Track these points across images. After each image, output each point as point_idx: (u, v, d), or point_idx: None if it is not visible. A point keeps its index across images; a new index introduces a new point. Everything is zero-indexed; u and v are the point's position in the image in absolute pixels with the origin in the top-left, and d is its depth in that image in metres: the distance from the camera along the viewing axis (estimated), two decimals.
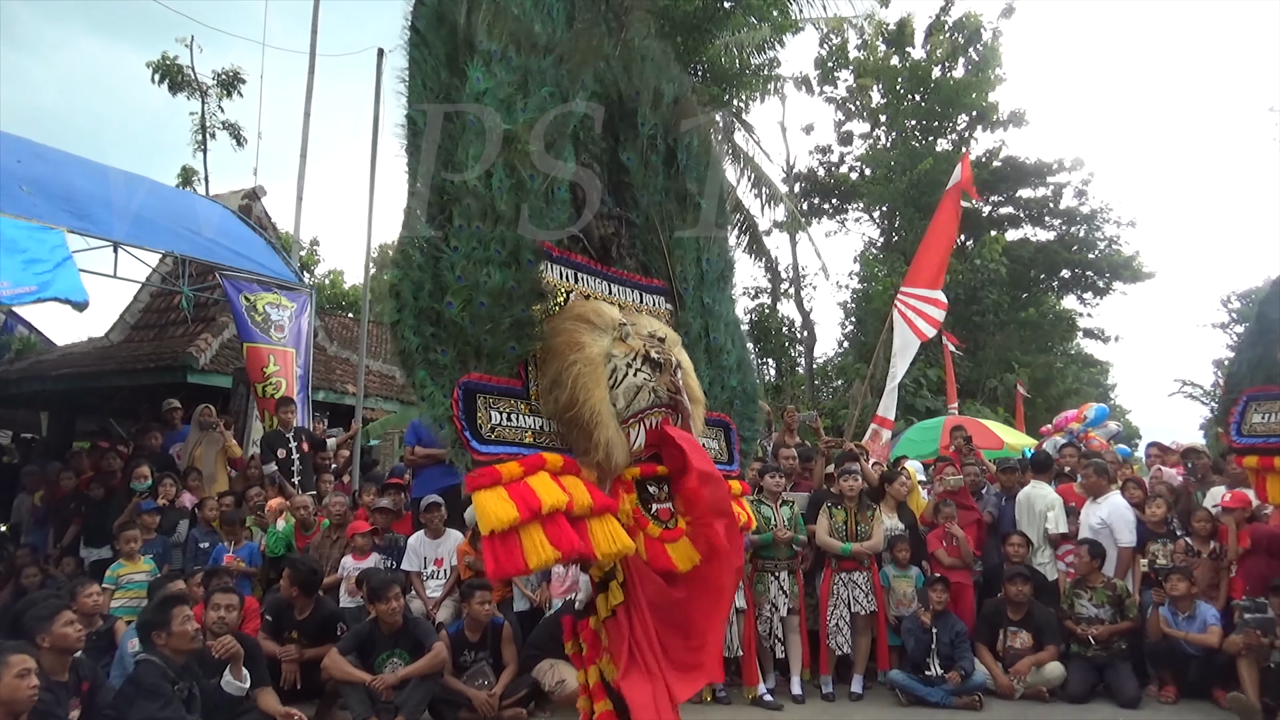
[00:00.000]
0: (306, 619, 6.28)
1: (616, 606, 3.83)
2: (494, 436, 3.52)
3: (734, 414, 4.82)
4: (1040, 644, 6.69)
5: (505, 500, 3.34)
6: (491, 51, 3.71)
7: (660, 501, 4.04)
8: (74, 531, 8.41)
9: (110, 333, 12.77)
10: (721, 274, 4.92)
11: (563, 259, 4.08)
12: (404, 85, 3.63)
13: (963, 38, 24.66)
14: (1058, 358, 26.35)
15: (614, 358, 3.82)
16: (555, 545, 3.37)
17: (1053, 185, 26.25)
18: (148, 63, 19.95)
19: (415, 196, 3.51)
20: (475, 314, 3.50)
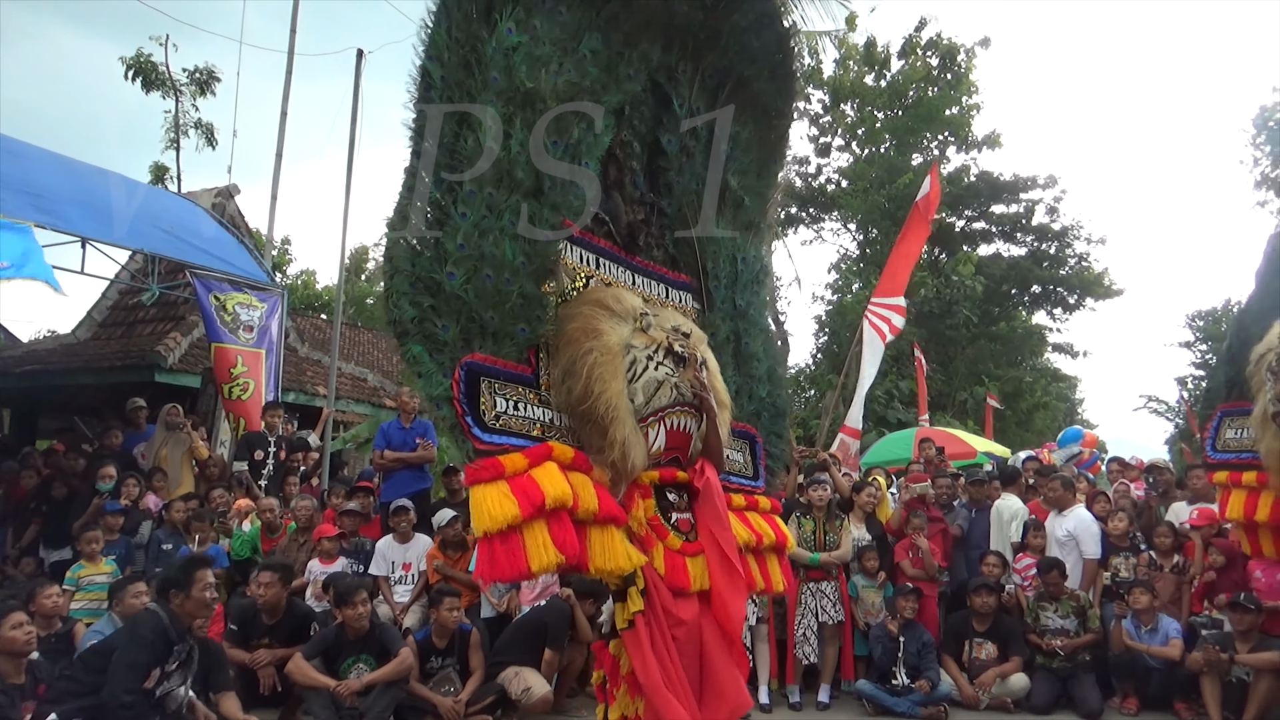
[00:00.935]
0: (278, 623, 6.11)
1: (635, 615, 3.42)
2: (499, 425, 3.19)
3: (761, 428, 4.50)
4: (1005, 655, 6.75)
5: (506, 496, 3.02)
6: (538, 1, 3.40)
7: (681, 510, 3.68)
8: (34, 531, 8.26)
9: (77, 330, 12.58)
10: (757, 276, 4.58)
11: (584, 241, 3.77)
12: (424, 34, 3.25)
13: (936, 59, 24.95)
14: (1027, 372, 26.67)
15: (634, 349, 3.53)
16: (560, 547, 3.06)
17: (1025, 202, 26.59)
18: (121, 58, 19.73)
19: (422, 156, 3.18)
20: (480, 288, 3.19)
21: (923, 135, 25.27)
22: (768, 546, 4.16)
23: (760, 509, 4.28)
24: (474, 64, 3.26)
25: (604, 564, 3.28)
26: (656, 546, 3.51)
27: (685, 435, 3.67)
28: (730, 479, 4.19)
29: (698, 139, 4.27)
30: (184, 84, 20.05)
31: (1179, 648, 6.32)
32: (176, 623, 4.65)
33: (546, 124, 3.40)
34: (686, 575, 3.51)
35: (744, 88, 4.39)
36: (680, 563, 3.52)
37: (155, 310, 11.64)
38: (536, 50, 3.38)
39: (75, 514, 7.76)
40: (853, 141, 26.19)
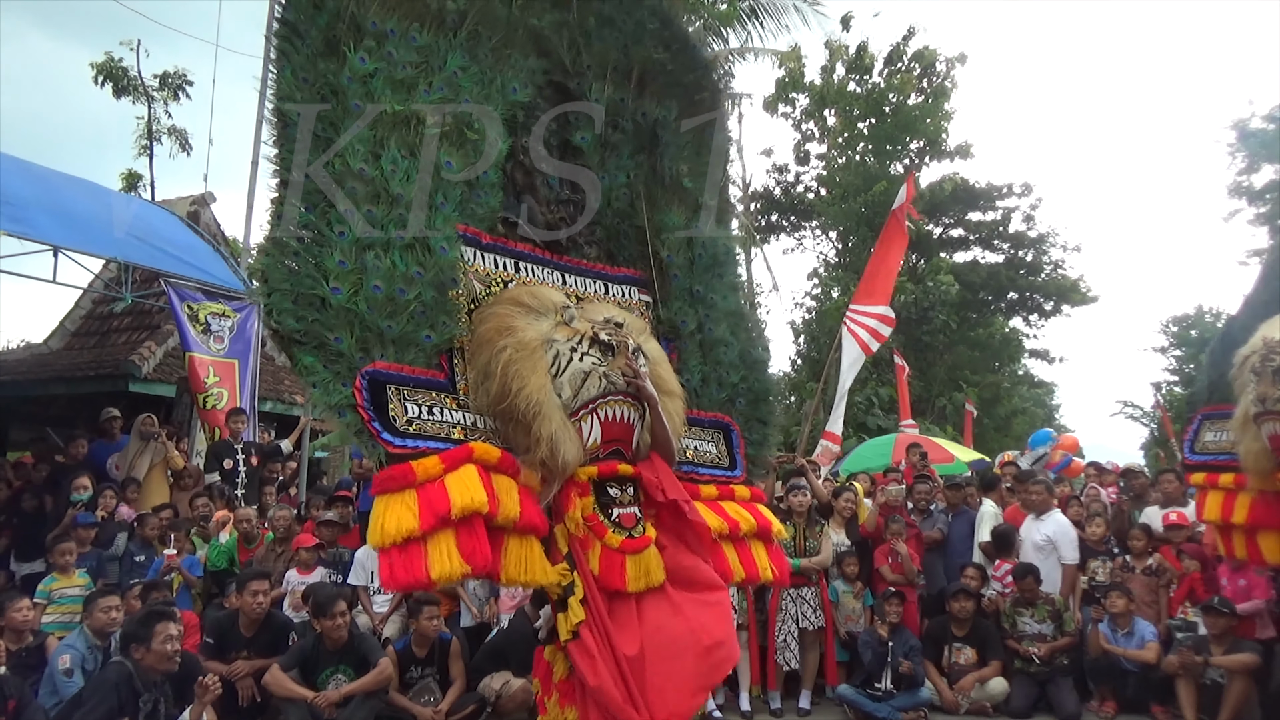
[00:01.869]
0: (256, 635, 6.02)
1: (579, 626, 3.32)
2: (411, 430, 3.19)
3: (736, 414, 4.37)
4: (984, 660, 6.78)
5: (407, 508, 2.99)
6: (387, 31, 3.47)
7: (623, 506, 3.51)
8: (3, 544, 8.14)
9: (49, 339, 12.42)
10: (715, 259, 4.46)
11: (497, 246, 3.78)
12: (271, 80, 3.34)
13: (918, 68, 25.14)
14: (1005, 378, 26.88)
15: (555, 343, 3.49)
16: (466, 558, 3.00)
17: (1002, 209, 26.84)
18: (91, 63, 19.52)
19: (290, 186, 3.25)
20: (371, 299, 3.24)
21: (900, 143, 25.43)
22: (748, 533, 4.01)
23: (738, 498, 4.16)
24: (330, 97, 3.34)
25: (518, 576, 3.23)
26: (594, 546, 3.39)
27: (625, 425, 3.59)
28: (698, 470, 4.10)
29: (620, 130, 4.24)
30: (155, 89, 19.85)
31: (1155, 651, 6.37)
32: (142, 674, 4.71)
33: (430, 143, 3.48)
34: (623, 575, 3.36)
35: (652, 69, 4.35)
36: (617, 561, 3.37)
37: (129, 319, 11.52)
38: (397, 74, 3.47)
39: (47, 526, 7.65)
40: (833, 149, 26.31)
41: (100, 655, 5.42)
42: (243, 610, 5.94)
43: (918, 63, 25.05)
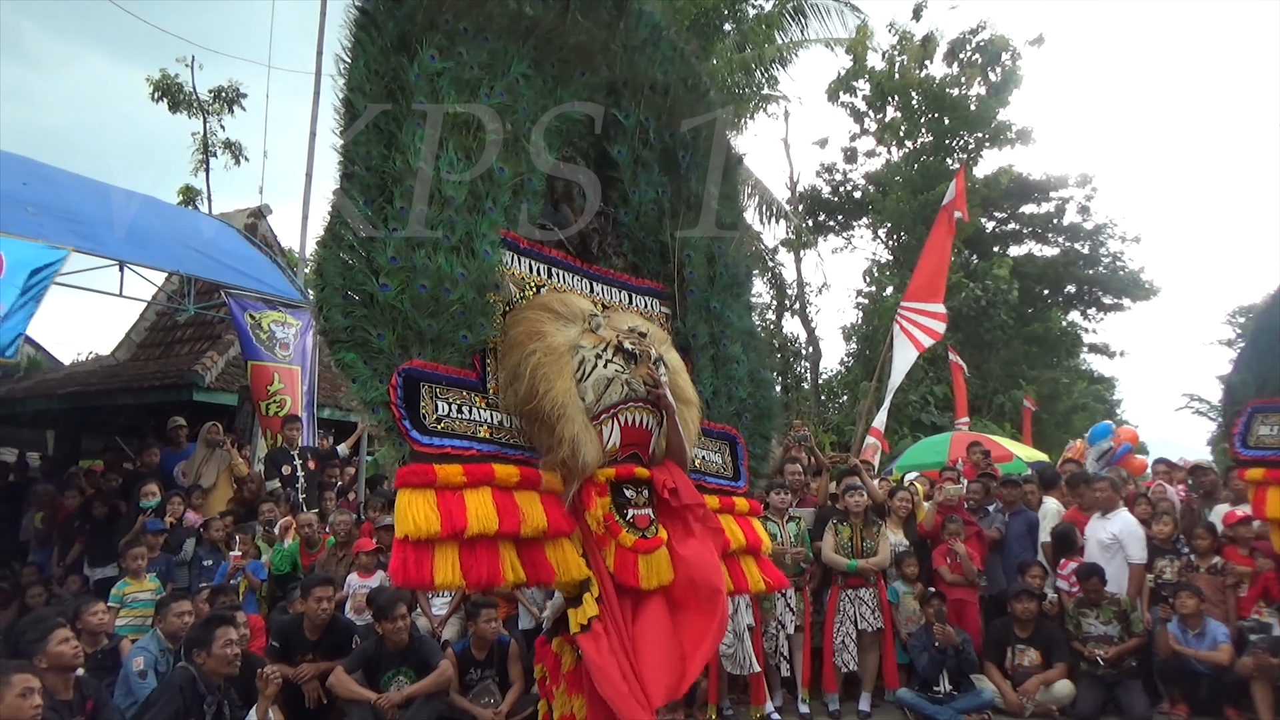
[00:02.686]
0: (321, 638, 6.12)
1: (592, 620, 3.47)
2: (440, 428, 3.32)
3: (743, 428, 4.55)
4: (1049, 662, 6.64)
5: (431, 509, 3.15)
6: (461, 30, 3.55)
7: (638, 507, 3.68)
8: (78, 550, 8.40)
9: (116, 351, 12.80)
10: (735, 280, 4.66)
11: (533, 252, 3.89)
12: (343, 68, 3.41)
13: (984, 58, 24.60)
14: (1064, 373, 26.29)
15: (581, 349, 3.62)
16: (464, 573, 3.17)
17: (1056, 201, 26.25)
18: (148, 79, 20.05)
19: (352, 178, 3.35)
20: (416, 298, 3.34)
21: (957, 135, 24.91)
22: (738, 550, 4.18)
23: (736, 511, 4.31)
24: (397, 92, 3.42)
25: (563, 576, 3.42)
26: (609, 544, 3.55)
27: (643, 431, 3.73)
28: (706, 479, 4.25)
29: (650, 148, 4.36)
30: (210, 104, 20.33)
31: (1228, 652, 6.19)
32: (205, 677, 4.86)
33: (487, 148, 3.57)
34: (636, 573, 3.51)
35: (679, 96, 4.50)
36: (630, 560, 3.52)
37: (192, 330, 11.82)
38: (464, 75, 3.55)
39: (118, 532, 7.88)
40: (892, 143, 25.88)
41: (172, 657, 5.56)
42: (308, 615, 6.05)
43: (981, 53, 24.51)
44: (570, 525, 3.51)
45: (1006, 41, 24.12)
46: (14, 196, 7.76)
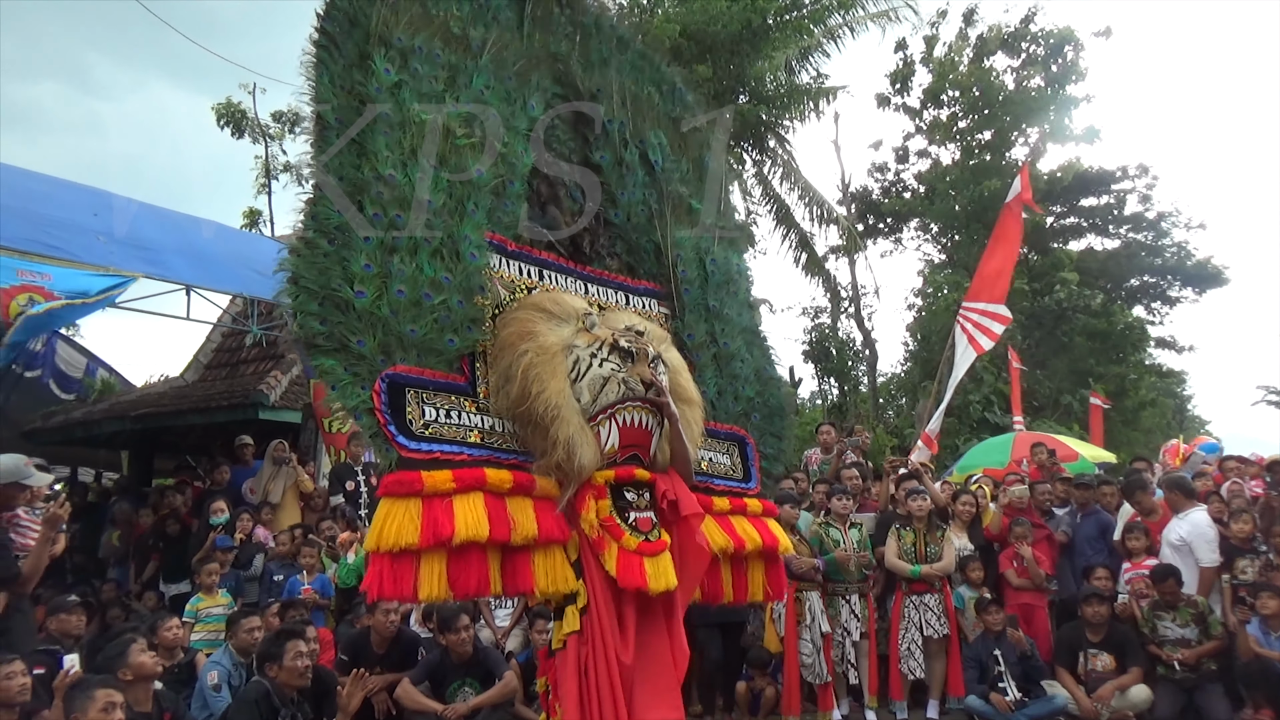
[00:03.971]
0: (388, 651, 6.22)
1: (568, 636, 3.39)
2: (427, 433, 3.26)
3: (752, 428, 4.47)
4: (1123, 666, 6.45)
5: (412, 519, 3.05)
6: (414, 47, 3.60)
7: (640, 510, 3.54)
8: (154, 567, 8.67)
9: (185, 373, 13.17)
10: (729, 277, 4.64)
11: (522, 254, 3.88)
12: (309, 85, 3.46)
13: (1045, 50, 24.12)
14: (1130, 369, 25.59)
15: (576, 348, 3.55)
16: (452, 583, 3.08)
17: (1116, 193, 25.60)
18: (213, 106, 20.69)
19: (324, 187, 3.36)
20: (395, 303, 3.32)
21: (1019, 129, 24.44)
22: (752, 552, 4.06)
23: (749, 512, 4.19)
24: (362, 106, 3.46)
25: (547, 586, 3.33)
26: (610, 547, 3.40)
27: (643, 431, 3.62)
28: (714, 481, 4.15)
29: (630, 151, 4.40)
30: (271, 128, 20.88)
31: None
32: (278, 690, 4.99)
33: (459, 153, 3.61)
34: (643, 574, 3.37)
35: (646, 102, 4.57)
36: (636, 562, 3.39)
37: (256, 350, 12.11)
38: (423, 88, 3.59)
39: (191, 549, 8.11)
40: (946, 142, 25.50)
41: (244, 671, 5.70)
42: (374, 628, 6.15)
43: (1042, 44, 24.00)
44: (564, 533, 3.40)
45: (1072, 33, 23.62)
46: (85, 227, 8.06)
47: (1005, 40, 24.17)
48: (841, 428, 11.25)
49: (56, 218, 7.94)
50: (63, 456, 12.83)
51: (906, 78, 25.09)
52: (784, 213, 19.57)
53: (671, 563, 3.51)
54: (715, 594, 3.98)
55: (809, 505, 7.70)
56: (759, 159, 19.15)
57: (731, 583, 4.05)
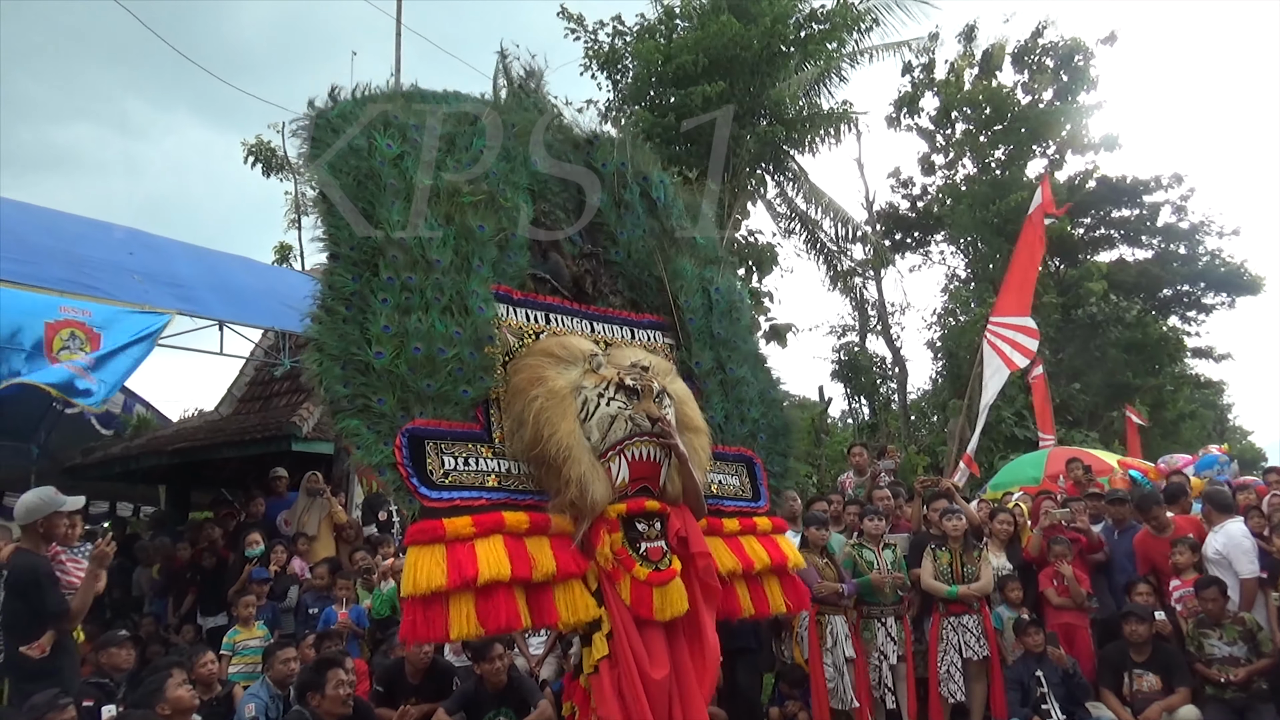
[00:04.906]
0: (423, 682, 6.21)
1: (600, 661, 3.57)
2: (447, 482, 3.44)
3: (759, 448, 4.64)
4: (1170, 686, 6.30)
5: (438, 563, 3.23)
6: (410, 125, 3.83)
7: (650, 540, 3.75)
8: (191, 600, 8.74)
9: (219, 406, 13.33)
10: (732, 305, 4.80)
11: (528, 301, 4.07)
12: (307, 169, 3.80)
13: (1054, 61, 24.05)
14: (1167, 380, 25.20)
15: (584, 389, 3.71)
16: (482, 621, 3.25)
17: (1148, 203, 25.33)
18: (243, 143, 21.10)
19: (338, 258, 3.58)
20: (412, 360, 3.50)
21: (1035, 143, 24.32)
22: (763, 570, 4.24)
23: (758, 530, 4.38)
24: (365, 178, 3.66)
25: (570, 618, 3.52)
26: (623, 578, 3.59)
27: (652, 464, 3.79)
28: (723, 503, 4.33)
29: (630, 190, 4.58)
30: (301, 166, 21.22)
31: None
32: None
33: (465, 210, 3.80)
34: (651, 605, 3.56)
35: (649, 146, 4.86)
36: (646, 593, 3.57)
37: (288, 383, 12.23)
38: (425, 156, 3.79)
39: (227, 581, 8.18)
40: (962, 157, 25.44)
41: (281, 703, 5.72)
42: (409, 659, 6.16)
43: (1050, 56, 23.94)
44: (581, 566, 3.60)
45: (1081, 43, 23.55)
46: (122, 265, 8.25)
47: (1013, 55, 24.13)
48: (872, 447, 11.16)
49: (94, 258, 8.14)
50: (102, 491, 13.00)
51: (914, 101, 25.14)
52: (809, 232, 19.56)
53: (682, 588, 3.67)
54: (734, 610, 4.15)
55: (842, 528, 7.63)
56: (780, 180, 19.17)
57: (750, 598, 4.21)
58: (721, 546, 4.11)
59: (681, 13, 17.54)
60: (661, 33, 17.38)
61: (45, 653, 5.04)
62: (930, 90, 25.04)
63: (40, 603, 5.13)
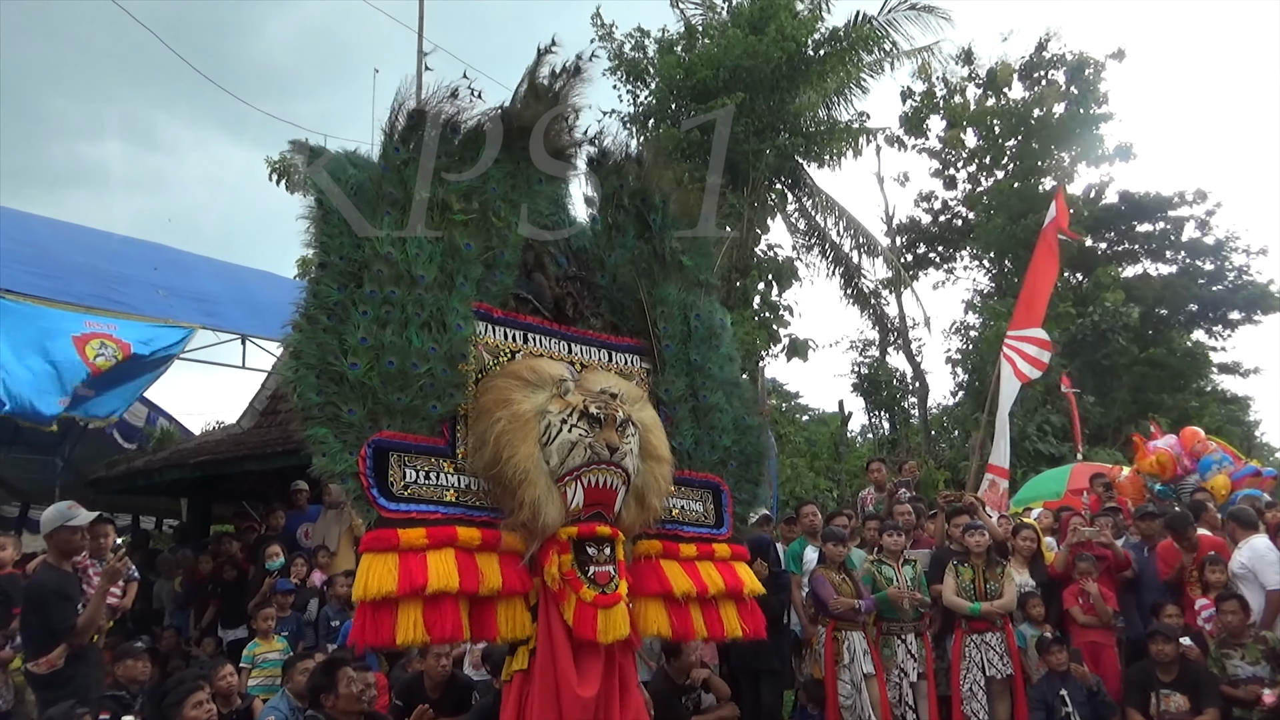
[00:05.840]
0: (442, 696, 6.19)
1: (515, 673, 3.72)
2: (406, 494, 3.51)
3: (728, 475, 4.67)
4: (1198, 707, 6.19)
5: (389, 570, 3.31)
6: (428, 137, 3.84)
7: (599, 564, 3.79)
8: (212, 613, 8.78)
9: (241, 420, 13.41)
10: (711, 332, 4.81)
11: (508, 320, 4.09)
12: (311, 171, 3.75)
13: (1064, 75, 24.00)
14: (1193, 396, 24.87)
15: (548, 414, 3.78)
16: (429, 629, 3.33)
17: (1173, 219, 25.13)
18: (266, 159, 21.32)
19: (326, 267, 3.63)
20: (385, 374, 3.55)
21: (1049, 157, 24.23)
22: (717, 595, 4.30)
23: (716, 556, 4.42)
24: (367, 184, 3.71)
25: (508, 633, 3.66)
26: (569, 598, 3.66)
27: (608, 491, 3.85)
28: (682, 529, 4.39)
29: (625, 211, 4.61)
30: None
31: None
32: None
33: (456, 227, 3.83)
34: (594, 627, 3.63)
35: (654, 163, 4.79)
36: (590, 614, 3.64)
37: None
38: (428, 163, 3.80)
39: (247, 594, 8.21)
40: (980, 172, 25.34)
41: (301, 716, 5.72)
42: (427, 673, 6.15)
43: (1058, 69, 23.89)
44: (525, 585, 3.70)
45: (1089, 58, 23.51)
46: (147, 281, 8.36)
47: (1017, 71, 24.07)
48: (892, 463, 11.10)
49: (120, 273, 8.26)
50: (125, 504, 13.10)
51: (919, 122, 25.12)
52: (828, 247, 19.52)
53: (626, 614, 3.77)
54: (687, 633, 4.24)
55: (860, 542, 7.58)
56: (799, 195, 19.17)
57: (704, 621, 4.28)
58: (677, 570, 4.22)
59: (704, 30, 17.63)
60: (684, 46, 17.47)
61: (54, 667, 5.11)
62: (936, 112, 25.06)
63: (48, 618, 5.20)
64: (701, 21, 17.91)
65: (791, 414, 24.70)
